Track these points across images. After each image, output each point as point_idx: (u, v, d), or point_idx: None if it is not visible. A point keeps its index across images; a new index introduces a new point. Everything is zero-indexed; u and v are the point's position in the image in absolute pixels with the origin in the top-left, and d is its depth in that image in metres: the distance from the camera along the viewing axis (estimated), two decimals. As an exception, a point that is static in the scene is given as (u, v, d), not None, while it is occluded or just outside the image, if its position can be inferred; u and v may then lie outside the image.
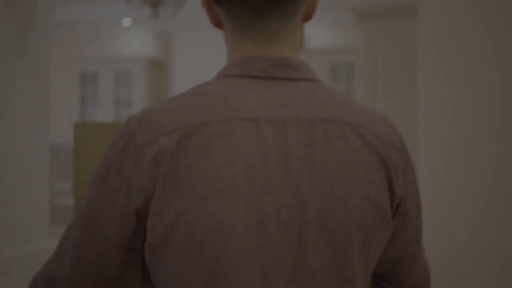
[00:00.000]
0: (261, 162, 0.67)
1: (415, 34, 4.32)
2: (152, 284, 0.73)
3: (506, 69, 2.16)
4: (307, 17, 0.78)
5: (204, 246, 0.65)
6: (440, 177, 2.19)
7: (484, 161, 2.17)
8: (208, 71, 5.39)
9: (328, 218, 0.68)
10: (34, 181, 2.08)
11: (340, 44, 5.46)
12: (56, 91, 6.17)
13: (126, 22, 5.92)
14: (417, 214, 0.79)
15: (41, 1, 2.08)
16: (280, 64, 0.73)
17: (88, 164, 0.89)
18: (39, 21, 2.08)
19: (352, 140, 0.71)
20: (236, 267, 0.65)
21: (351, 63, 5.14)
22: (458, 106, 2.19)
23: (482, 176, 2.17)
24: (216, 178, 0.65)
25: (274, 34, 0.74)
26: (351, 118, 0.72)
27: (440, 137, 2.20)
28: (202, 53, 5.41)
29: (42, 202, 2.10)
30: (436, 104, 2.20)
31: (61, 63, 6.18)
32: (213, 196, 0.65)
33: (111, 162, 0.69)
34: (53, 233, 3.32)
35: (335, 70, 5.19)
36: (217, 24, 0.78)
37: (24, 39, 1.97)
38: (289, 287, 0.67)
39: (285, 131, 0.69)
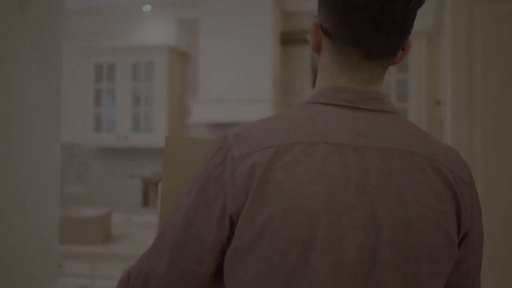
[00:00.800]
0: (341, 183, 0.76)
1: None
2: None
3: None
4: (393, 64, 0.89)
5: (286, 252, 0.75)
6: None
7: None
8: (237, 62, 4.75)
9: (401, 241, 0.76)
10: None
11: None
12: (68, 86, 5.62)
13: (146, 7, 5.31)
14: (480, 247, 0.87)
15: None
16: (366, 97, 0.83)
17: (176, 175, 0.96)
18: (53, 12, 1.75)
19: (427, 171, 0.79)
20: (312, 276, 0.74)
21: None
22: None
23: None
24: (301, 194, 0.75)
25: (375, 76, 0.85)
26: (427, 151, 0.82)
27: None
28: (231, 42, 4.78)
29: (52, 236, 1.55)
30: None
31: (73, 54, 5.63)
32: (297, 209, 0.75)
33: (210, 172, 0.79)
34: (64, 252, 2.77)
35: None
36: (317, 50, 0.89)
37: (37, 34, 1.71)
38: None
39: (366, 157, 0.78)
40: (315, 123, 0.80)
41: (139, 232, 3.36)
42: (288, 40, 4.95)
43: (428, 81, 4.65)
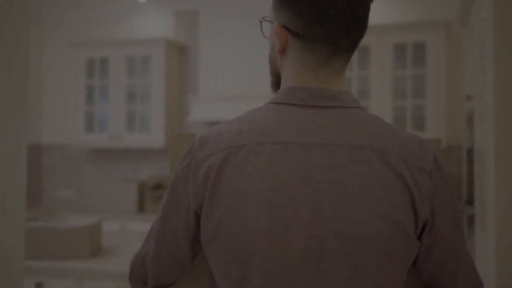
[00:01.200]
0: (286, 180, 0.84)
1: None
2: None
3: None
4: None
5: (238, 244, 0.85)
6: None
7: None
8: (240, 56, 4.40)
9: (346, 232, 0.82)
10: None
11: (406, 19, 4.40)
12: (58, 82, 5.26)
13: (142, -3, 4.98)
14: (453, 235, 0.90)
15: None
16: (317, 94, 0.89)
17: None
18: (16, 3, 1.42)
19: (375, 164, 0.84)
20: (263, 265, 0.83)
21: (421, 43, 4.08)
22: None
23: None
24: (248, 190, 0.84)
25: (338, 71, 0.92)
26: (378, 144, 0.86)
27: None
28: (233, 35, 4.43)
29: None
30: None
31: (63, 48, 5.28)
32: (244, 205, 0.84)
33: (179, 173, 0.92)
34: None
35: (401, 50, 4.14)
36: (282, 51, 0.94)
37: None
38: (307, 285, 0.83)
39: (311, 154, 0.85)
40: (266, 123, 0.88)
41: (133, 242, 3.01)
42: (295, 32, 4.60)
43: (449, 75, 4.31)
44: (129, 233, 3.32)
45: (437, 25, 3.99)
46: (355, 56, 4.20)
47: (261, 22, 1.02)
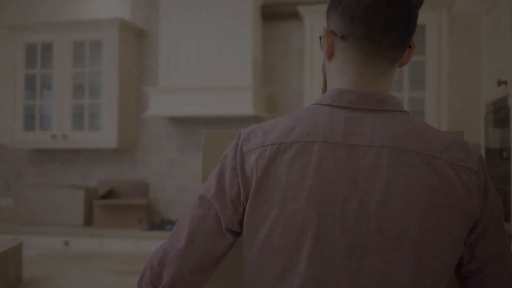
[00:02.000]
0: (335, 178, 0.88)
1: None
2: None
3: None
4: (401, 65, 0.99)
5: (284, 237, 0.88)
6: None
7: None
8: (208, 41, 3.76)
9: (390, 229, 0.86)
10: None
11: None
12: (-3, 72, 4.51)
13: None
14: (498, 235, 0.92)
15: None
16: (366, 98, 0.93)
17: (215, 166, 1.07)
18: None
19: (420, 167, 0.88)
20: (308, 258, 0.87)
21: (419, 25, 3.49)
22: None
23: None
24: (298, 186, 0.89)
25: (383, 72, 0.96)
26: (422, 147, 0.89)
27: None
28: (200, 16, 3.78)
29: None
30: None
31: None
32: (294, 200, 0.88)
33: (226, 163, 0.96)
34: None
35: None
36: (330, 54, 0.99)
37: None
38: (350, 279, 0.86)
39: (359, 154, 0.89)
40: (316, 123, 0.93)
41: (70, 268, 2.32)
42: (272, 14, 3.97)
43: (452, 62, 3.72)
44: (68, 255, 2.63)
45: (439, 5, 3.41)
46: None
47: (320, 38, 1.03)
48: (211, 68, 3.75)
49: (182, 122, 4.17)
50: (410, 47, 0.98)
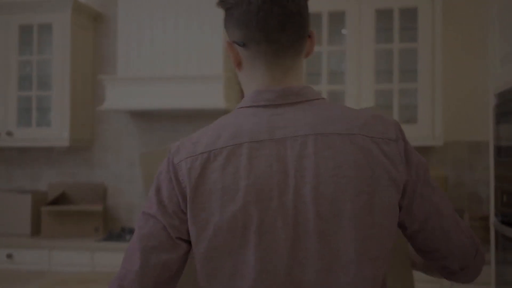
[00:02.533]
0: (267, 174, 0.93)
1: None
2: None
3: None
4: (307, 55, 1.07)
5: (229, 239, 0.92)
6: None
7: None
8: (173, 26, 3.32)
9: (327, 212, 0.92)
10: None
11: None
12: None
13: None
14: (427, 191, 1.00)
15: None
16: (282, 94, 0.99)
17: None
18: None
19: (343, 147, 0.94)
20: (256, 254, 0.91)
21: (411, 8, 3.14)
22: None
23: None
24: (235, 188, 0.92)
25: (291, 67, 1.02)
26: (343, 128, 0.95)
27: None
28: (161, 0, 3.34)
29: None
30: None
31: None
32: (233, 202, 0.92)
33: (161, 178, 0.99)
34: None
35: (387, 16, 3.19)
36: (238, 64, 1.05)
37: None
38: (299, 266, 0.92)
39: (286, 147, 0.94)
40: (241, 126, 0.96)
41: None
42: (245, -4, 3.56)
43: (448, 49, 3.37)
44: (10, 271, 2.16)
45: (433, -15, 3.06)
46: (325, 27, 3.21)
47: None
48: (177, 55, 3.32)
49: (144, 117, 3.72)
50: (309, 37, 1.05)
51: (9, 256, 3.26)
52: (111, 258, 3.18)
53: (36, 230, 3.48)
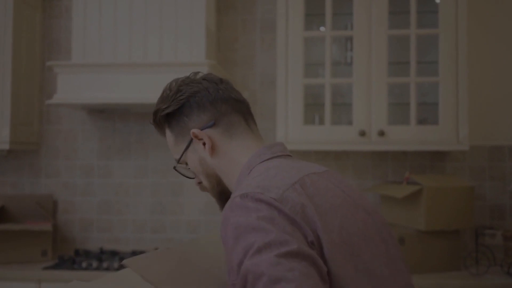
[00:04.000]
0: (341, 193, 1.07)
1: None
2: None
3: None
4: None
5: (350, 241, 0.98)
6: None
7: None
8: (136, 5, 2.74)
9: (379, 222, 1.09)
10: None
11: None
12: None
13: None
14: None
15: None
16: (282, 148, 1.18)
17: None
18: None
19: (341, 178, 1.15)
20: (363, 249, 1.00)
21: None
22: None
23: None
24: (339, 205, 1.02)
25: (257, 133, 1.21)
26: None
27: None
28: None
29: None
30: None
31: None
32: (345, 216, 1.01)
33: (270, 220, 0.92)
34: None
35: None
36: (213, 149, 1.15)
37: None
38: (388, 269, 1.03)
39: (326, 178, 1.09)
40: (289, 165, 1.08)
41: None
42: (229, -28, 3.02)
43: (473, 35, 2.91)
44: None
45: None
46: (329, 6, 2.71)
47: (176, 168, 1.23)
48: (147, 39, 2.74)
49: (105, 115, 3.11)
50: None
51: None
52: (63, 291, 2.55)
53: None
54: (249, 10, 3.08)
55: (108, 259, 2.74)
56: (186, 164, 1.19)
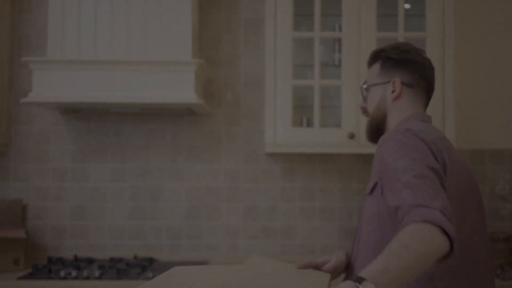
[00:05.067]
0: (461, 159, 1.49)
1: None
2: None
3: None
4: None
5: (460, 198, 1.38)
6: None
7: None
8: (111, 5, 2.64)
9: (479, 195, 1.51)
10: None
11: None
12: None
13: None
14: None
15: None
16: (429, 118, 1.59)
17: None
18: None
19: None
20: (466, 208, 1.42)
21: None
22: None
23: None
24: (459, 165, 1.43)
25: (424, 108, 1.63)
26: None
27: None
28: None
29: None
30: None
31: None
32: (461, 180, 1.42)
33: (417, 143, 1.37)
34: None
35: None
36: (397, 96, 1.57)
37: None
38: (479, 236, 1.44)
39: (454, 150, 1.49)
40: (435, 129, 1.49)
41: None
42: (213, -31, 2.96)
43: (463, 37, 2.95)
44: None
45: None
46: (318, 8, 2.69)
47: (363, 87, 1.67)
48: (129, 36, 2.64)
49: (79, 115, 2.97)
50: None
51: None
52: (39, 302, 2.41)
53: None
54: (233, 9, 3.03)
55: (86, 267, 2.61)
56: (365, 94, 1.64)
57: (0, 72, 2.88)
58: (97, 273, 2.46)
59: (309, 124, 2.80)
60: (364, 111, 1.63)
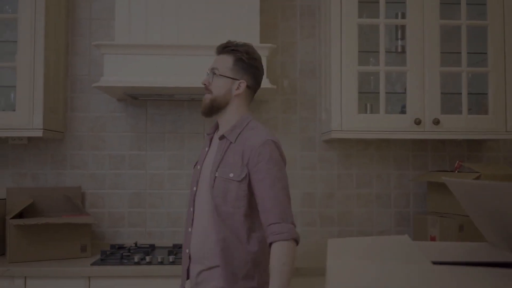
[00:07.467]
0: None
1: None
2: None
3: None
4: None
5: None
6: None
7: None
8: None
9: None
10: None
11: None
12: None
13: None
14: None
15: None
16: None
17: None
18: None
19: None
20: None
21: None
22: None
23: None
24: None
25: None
26: None
27: None
28: None
29: None
30: None
31: None
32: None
33: (282, 160, 1.98)
34: None
35: None
36: (239, 95, 2.00)
37: None
38: None
39: None
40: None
41: None
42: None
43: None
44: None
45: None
46: (381, -6, 2.76)
47: (214, 71, 2.01)
48: (198, 22, 2.67)
49: (137, 102, 2.99)
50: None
51: (-41, 291, 2.37)
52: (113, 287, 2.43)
53: (-7, 252, 2.61)
54: (290, -4, 3.09)
55: (161, 253, 2.64)
56: (213, 77, 1.98)
57: (58, 59, 2.88)
58: (171, 258, 2.49)
59: (373, 110, 2.87)
60: (207, 88, 1.98)
